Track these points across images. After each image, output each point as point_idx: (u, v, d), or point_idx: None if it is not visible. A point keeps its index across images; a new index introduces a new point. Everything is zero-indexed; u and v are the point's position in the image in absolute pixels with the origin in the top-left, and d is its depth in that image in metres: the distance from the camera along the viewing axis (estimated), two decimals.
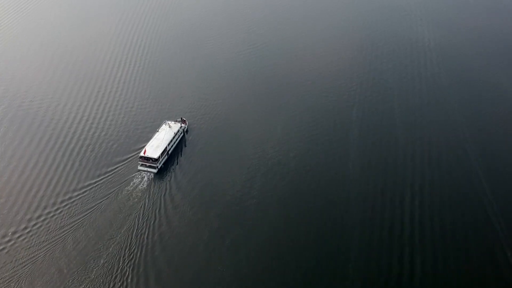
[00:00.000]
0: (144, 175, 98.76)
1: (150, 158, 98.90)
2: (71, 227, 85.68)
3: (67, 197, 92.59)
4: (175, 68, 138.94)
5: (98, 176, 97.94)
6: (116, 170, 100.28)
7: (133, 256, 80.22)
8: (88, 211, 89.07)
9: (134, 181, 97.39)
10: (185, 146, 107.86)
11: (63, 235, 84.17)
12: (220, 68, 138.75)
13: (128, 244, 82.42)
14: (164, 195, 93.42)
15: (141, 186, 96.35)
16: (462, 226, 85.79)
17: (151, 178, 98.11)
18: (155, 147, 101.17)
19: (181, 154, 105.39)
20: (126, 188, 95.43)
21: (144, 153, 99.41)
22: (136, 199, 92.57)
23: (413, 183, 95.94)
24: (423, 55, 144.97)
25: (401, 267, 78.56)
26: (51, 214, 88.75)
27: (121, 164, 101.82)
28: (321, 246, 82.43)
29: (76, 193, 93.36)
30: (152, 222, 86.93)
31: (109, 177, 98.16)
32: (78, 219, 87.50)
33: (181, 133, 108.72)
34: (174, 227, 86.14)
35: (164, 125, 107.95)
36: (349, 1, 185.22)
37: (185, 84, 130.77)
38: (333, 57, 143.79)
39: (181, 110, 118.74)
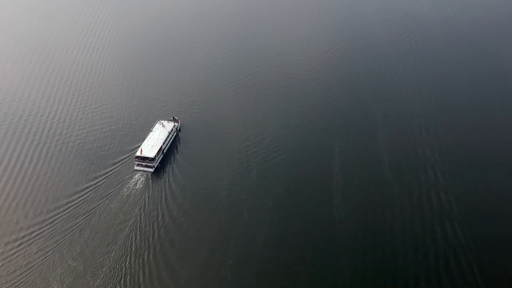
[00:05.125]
0: (141, 174, 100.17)
1: (147, 158, 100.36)
2: (74, 229, 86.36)
3: (66, 201, 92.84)
4: (160, 69, 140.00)
5: (96, 178, 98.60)
6: (112, 171, 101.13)
7: (140, 253, 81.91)
8: (90, 213, 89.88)
9: (132, 181, 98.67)
10: (179, 144, 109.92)
11: (67, 238, 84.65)
12: (206, 68, 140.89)
13: (134, 241, 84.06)
14: (164, 191, 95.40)
15: (140, 185, 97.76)
16: None
17: (149, 177, 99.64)
18: (150, 147, 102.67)
19: (176, 152, 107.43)
20: (125, 188, 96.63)
21: (141, 153, 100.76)
22: (136, 198, 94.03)
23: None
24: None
25: None
26: (51, 220, 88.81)
27: (117, 165, 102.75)
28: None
29: (75, 196, 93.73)
30: (155, 218, 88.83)
31: (106, 179, 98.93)
32: (80, 221, 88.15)
33: (174, 132, 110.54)
34: (179, 221, 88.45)
35: (157, 124, 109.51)
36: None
37: (173, 85, 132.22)
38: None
39: (171, 109, 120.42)
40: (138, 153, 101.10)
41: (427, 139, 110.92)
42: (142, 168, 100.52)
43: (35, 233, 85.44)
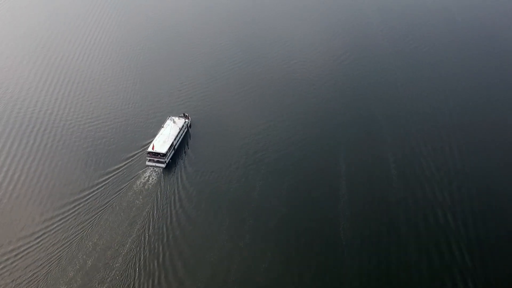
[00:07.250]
0: (152, 170, 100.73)
1: (158, 153, 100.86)
2: (87, 224, 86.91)
3: (79, 196, 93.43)
4: (171, 67, 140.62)
5: (108, 173, 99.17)
6: (124, 166, 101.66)
7: (153, 246, 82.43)
8: (103, 207, 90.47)
9: (144, 176, 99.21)
10: (190, 140, 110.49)
11: (80, 233, 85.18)
12: (217, 66, 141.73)
13: (147, 235, 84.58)
14: (177, 186, 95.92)
15: (151, 180, 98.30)
16: None
17: (160, 173, 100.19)
18: (162, 142, 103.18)
19: (187, 147, 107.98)
20: (137, 183, 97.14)
21: (152, 148, 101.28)
22: (149, 193, 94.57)
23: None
24: None
25: None
26: (65, 214, 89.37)
27: (129, 160, 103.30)
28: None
29: (86, 192, 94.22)
30: (169, 213, 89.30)
31: (118, 174, 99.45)
32: (93, 215, 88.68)
33: (185, 128, 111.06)
34: (191, 216, 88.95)
35: (168, 120, 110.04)
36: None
37: (183, 82, 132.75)
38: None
39: (182, 106, 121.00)
40: (150, 149, 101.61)
41: (433, 143, 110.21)
42: (153, 164, 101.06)
43: (50, 228, 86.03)
